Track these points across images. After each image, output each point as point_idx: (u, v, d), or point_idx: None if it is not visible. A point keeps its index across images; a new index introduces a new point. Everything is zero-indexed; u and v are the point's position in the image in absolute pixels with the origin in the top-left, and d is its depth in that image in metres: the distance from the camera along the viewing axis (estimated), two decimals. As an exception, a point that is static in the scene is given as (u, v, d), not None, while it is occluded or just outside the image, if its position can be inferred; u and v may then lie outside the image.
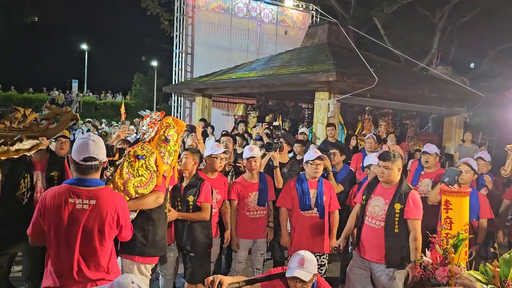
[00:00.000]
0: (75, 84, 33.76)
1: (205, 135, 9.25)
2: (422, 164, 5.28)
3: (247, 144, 6.45)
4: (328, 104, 7.89)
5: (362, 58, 8.75)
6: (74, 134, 15.24)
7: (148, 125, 3.28)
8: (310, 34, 11.64)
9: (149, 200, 3.05)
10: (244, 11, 15.17)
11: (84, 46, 36.99)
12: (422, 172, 5.27)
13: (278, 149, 4.78)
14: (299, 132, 8.79)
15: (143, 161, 3.06)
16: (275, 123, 6.04)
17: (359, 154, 6.85)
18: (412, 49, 21.07)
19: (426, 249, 3.06)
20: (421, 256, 3.01)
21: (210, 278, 2.64)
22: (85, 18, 63.72)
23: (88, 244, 2.51)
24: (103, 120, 20.23)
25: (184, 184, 3.85)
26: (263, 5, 15.68)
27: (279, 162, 4.82)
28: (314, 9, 16.99)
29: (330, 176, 4.80)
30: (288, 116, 11.95)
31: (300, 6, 16.77)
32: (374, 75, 7.92)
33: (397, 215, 3.50)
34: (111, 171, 3.16)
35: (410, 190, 3.60)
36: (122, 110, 17.81)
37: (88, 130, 15.44)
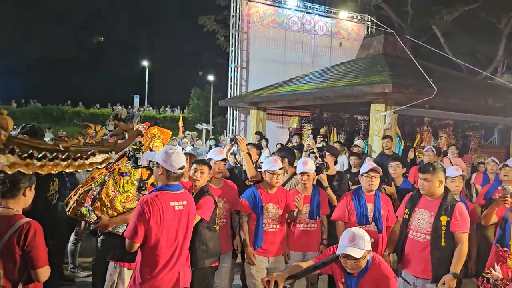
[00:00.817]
0: (136, 100, 35.40)
1: (259, 148, 9.35)
2: (498, 179, 4.98)
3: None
4: (385, 116, 7.72)
5: (420, 68, 8.49)
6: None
7: None
8: (365, 45, 11.49)
9: None
10: (298, 25, 15.28)
11: (145, 63, 38.83)
12: (499, 187, 4.98)
13: (325, 169, 4.72)
14: (353, 144, 8.65)
15: (128, 178, 3.21)
16: (318, 145, 6.04)
17: (418, 167, 6.62)
18: (475, 57, 20.11)
19: (496, 264, 2.93)
20: (490, 270, 2.88)
21: (266, 278, 2.67)
22: (146, 37, 67.11)
23: (185, 238, 3.00)
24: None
25: None
26: (317, 18, 15.71)
27: (327, 175, 4.75)
28: (369, 20, 16.75)
29: (397, 204, 4.59)
30: (343, 128, 11.79)
31: (355, 17, 16.62)
32: (433, 85, 7.66)
33: (443, 228, 3.40)
34: (97, 190, 3.26)
35: (456, 202, 3.49)
36: (180, 123, 18.44)
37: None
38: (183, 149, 10.46)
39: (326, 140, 10.30)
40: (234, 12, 14.40)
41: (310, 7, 15.62)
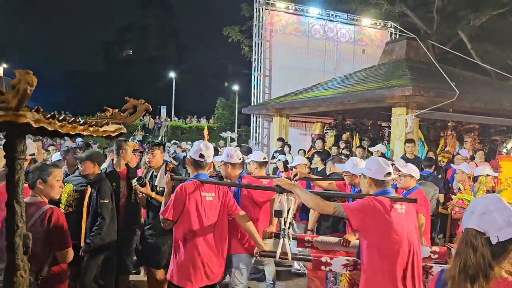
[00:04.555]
0: (163, 110, 36.16)
1: (282, 153, 9.49)
2: None
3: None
4: (406, 119, 7.70)
5: (442, 72, 8.45)
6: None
7: None
8: (387, 51, 11.48)
9: None
10: (320, 33, 15.38)
11: (172, 75, 39.79)
12: None
13: None
14: (375, 149, 8.64)
15: None
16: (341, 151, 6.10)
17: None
18: (506, 63, 19.61)
19: None
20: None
21: None
22: (173, 50, 68.70)
23: None
24: (189, 142, 21.41)
25: None
26: (340, 25, 15.77)
27: None
28: (392, 26, 16.69)
29: None
30: (366, 134, 11.76)
31: (378, 24, 16.60)
32: (455, 88, 7.61)
33: None
34: None
35: None
36: (205, 132, 18.75)
37: (174, 152, 16.47)
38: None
39: (348, 146, 10.31)
40: (257, 22, 14.63)
41: (332, 15, 15.71)
